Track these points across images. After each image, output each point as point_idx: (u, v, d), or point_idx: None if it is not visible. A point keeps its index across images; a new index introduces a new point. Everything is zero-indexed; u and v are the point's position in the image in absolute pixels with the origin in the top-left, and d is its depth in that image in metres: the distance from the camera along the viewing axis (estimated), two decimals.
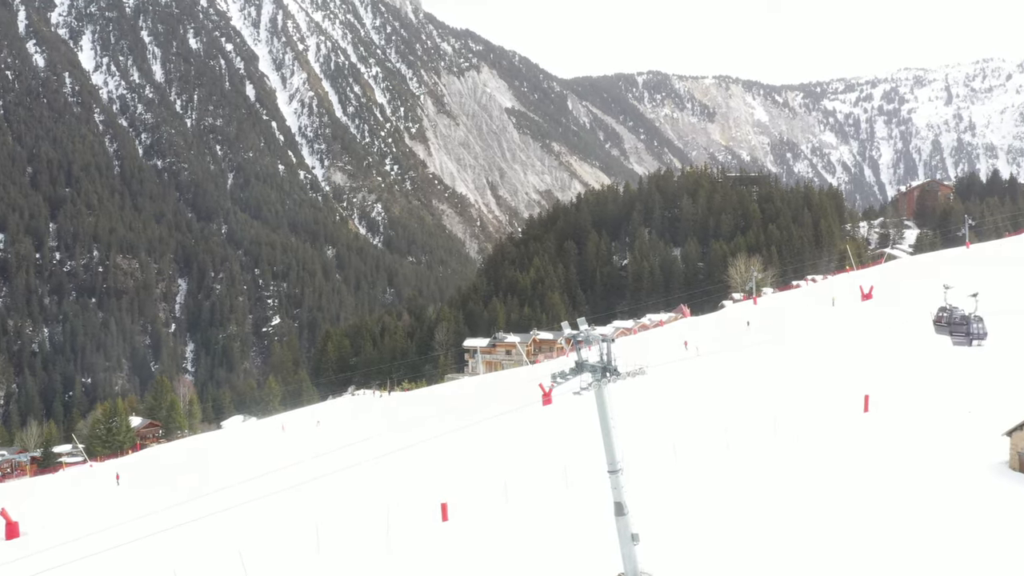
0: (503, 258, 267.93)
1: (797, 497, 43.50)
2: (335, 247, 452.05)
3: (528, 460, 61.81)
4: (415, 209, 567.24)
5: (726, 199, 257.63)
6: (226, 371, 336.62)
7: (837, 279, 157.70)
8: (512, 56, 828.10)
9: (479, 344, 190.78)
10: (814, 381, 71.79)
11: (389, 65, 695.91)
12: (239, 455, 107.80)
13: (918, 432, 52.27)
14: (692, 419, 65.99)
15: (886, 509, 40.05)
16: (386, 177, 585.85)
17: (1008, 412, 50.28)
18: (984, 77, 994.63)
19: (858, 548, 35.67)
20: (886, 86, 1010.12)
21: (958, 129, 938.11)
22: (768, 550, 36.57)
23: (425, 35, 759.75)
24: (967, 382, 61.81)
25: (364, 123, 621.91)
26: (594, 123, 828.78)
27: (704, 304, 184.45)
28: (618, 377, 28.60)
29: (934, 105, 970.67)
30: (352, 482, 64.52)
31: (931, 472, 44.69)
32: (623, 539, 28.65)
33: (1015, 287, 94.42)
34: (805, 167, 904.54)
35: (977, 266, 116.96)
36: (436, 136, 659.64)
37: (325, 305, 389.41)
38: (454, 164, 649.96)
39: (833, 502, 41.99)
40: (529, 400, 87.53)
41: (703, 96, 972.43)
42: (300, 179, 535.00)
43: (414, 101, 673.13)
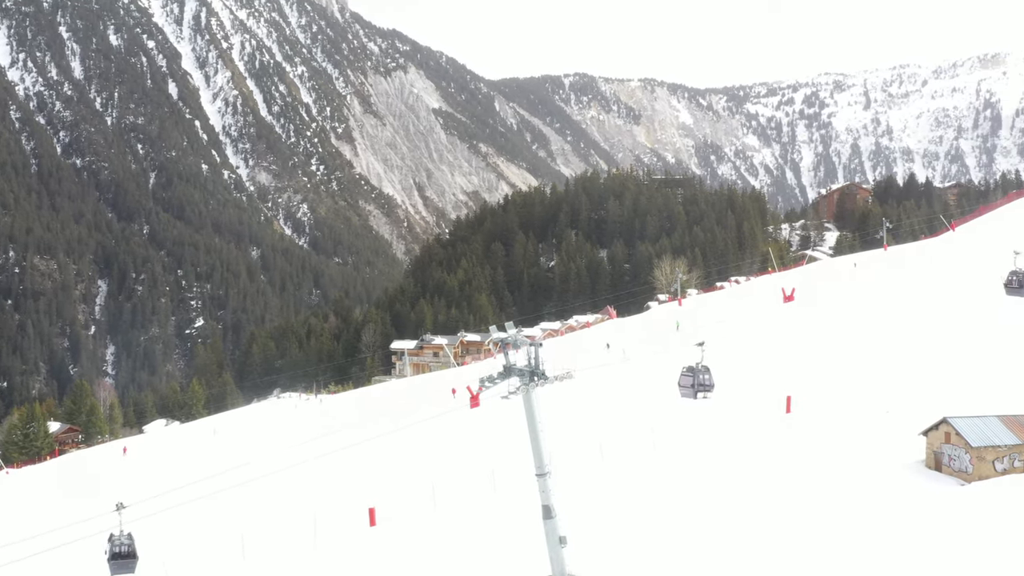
0: (430, 259, 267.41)
1: (721, 497, 44.27)
2: (260, 248, 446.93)
3: (456, 463, 61.93)
4: (341, 210, 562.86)
5: (651, 201, 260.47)
6: (148, 374, 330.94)
7: (759, 280, 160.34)
8: (439, 57, 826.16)
9: (406, 346, 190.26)
10: (738, 382, 72.92)
11: (315, 64, 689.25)
12: (164, 461, 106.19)
13: (838, 432, 53.49)
14: (619, 421, 66.64)
15: (808, 508, 40.99)
16: (312, 177, 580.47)
17: (924, 412, 51.70)
18: (901, 83, 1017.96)
19: (781, 546, 36.46)
20: (807, 90, 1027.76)
21: (876, 133, 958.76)
22: (693, 550, 37.20)
23: (352, 35, 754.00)
24: (885, 382, 63.37)
25: (289, 123, 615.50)
26: (521, 124, 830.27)
27: (630, 305, 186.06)
28: (546, 381, 28.82)
29: (853, 110, 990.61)
30: (278, 488, 64.00)
31: (851, 471, 45.80)
32: (551, 542, 28.86)
33: (932, 288, 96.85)
34: (729, 169, 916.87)
35: (894, 268, 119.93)
36: (363, 136, 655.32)
37: (250, 307, 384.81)
38: (381, 164, 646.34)
39: (757, 502, 42.82)
40: (457, 403, 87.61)
41: (629, 98, 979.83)
42: (224, 179, 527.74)
43: (340, 101, 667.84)
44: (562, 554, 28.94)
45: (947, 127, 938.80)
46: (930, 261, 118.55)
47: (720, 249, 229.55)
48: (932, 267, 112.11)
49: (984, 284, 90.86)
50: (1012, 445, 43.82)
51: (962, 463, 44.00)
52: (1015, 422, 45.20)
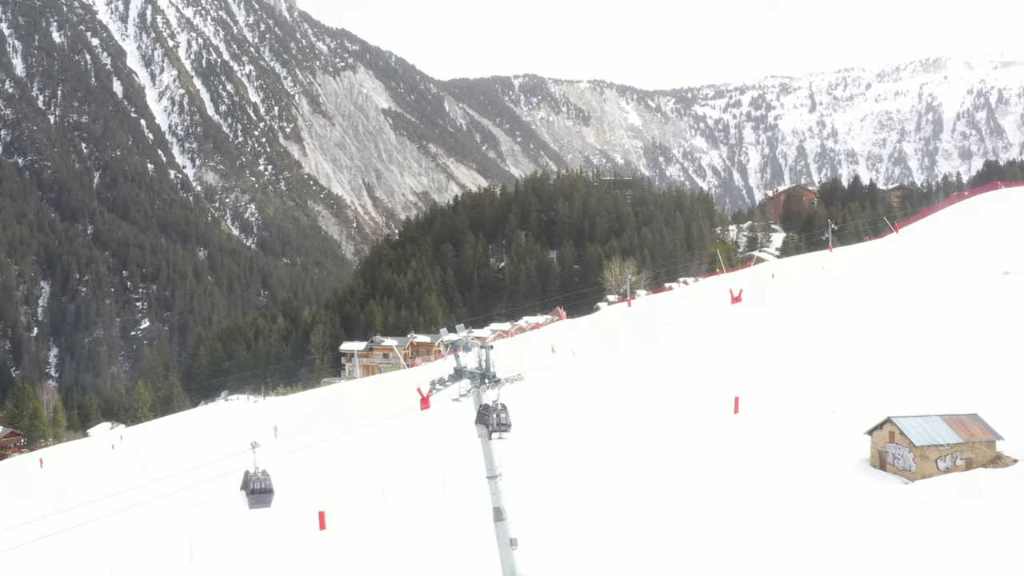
0: (380, 260, 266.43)
1: (671, 498, 44.59)
2: (207, 248, 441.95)
3: (406, 465, 61.77)
4: (290, 210, 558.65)
5: (601, 202, 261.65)
6: (92, 376, 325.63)
7: (708, 281, 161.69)
8: (388, 57, 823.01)
9: (356, 347, 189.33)
10: (686, 383, 73.50)
11: (263, 63, 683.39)
12: (105, 464, 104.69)
13: (786, 432, 54.09)
14: (569, 422, 66.86)
15: (756, 508, 41.42)
16: (260, 177, 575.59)
17: (869, 411, 52.47)
18: (846, 86, 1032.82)
19: (730, 546, 36.82)
20: (754, 93, 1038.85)
21: (821, 135, 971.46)
22: (643, 551, 37.43)
23: (300, 34, 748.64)
24: (831, 382, 64.20)
25: (237, 122, 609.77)
26: (471, 125, 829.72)
27: (580, 306, 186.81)
28: (497, 383, 28.87)
29: (799, 112, 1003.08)
30: (226, 492, 63.33)
31: (798, 471, 46.35)
32: (502, 544, 28.89)
33: (876, 289, 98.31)
34: (677, 171, 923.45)
35: (842, 270, 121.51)
36: (311, 136, 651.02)
37: (197, 308, 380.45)
38: (330, 165, 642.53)
39: (706, 502, 43.20)
40: (407, 404, 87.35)
41: (578, 100, 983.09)
42: (170, 179, 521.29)
43: (289, 100, 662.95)
44: (513, 556, 28.97)
45: (890, 130, 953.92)
46: (874, 262, 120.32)
47: (669, 250, 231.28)
48: (877, 268, 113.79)
49: (927, 284, 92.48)
50: (954, 444, 44.60)
51: (906, 462, 44.71)
52: (957, 421, 46.00)
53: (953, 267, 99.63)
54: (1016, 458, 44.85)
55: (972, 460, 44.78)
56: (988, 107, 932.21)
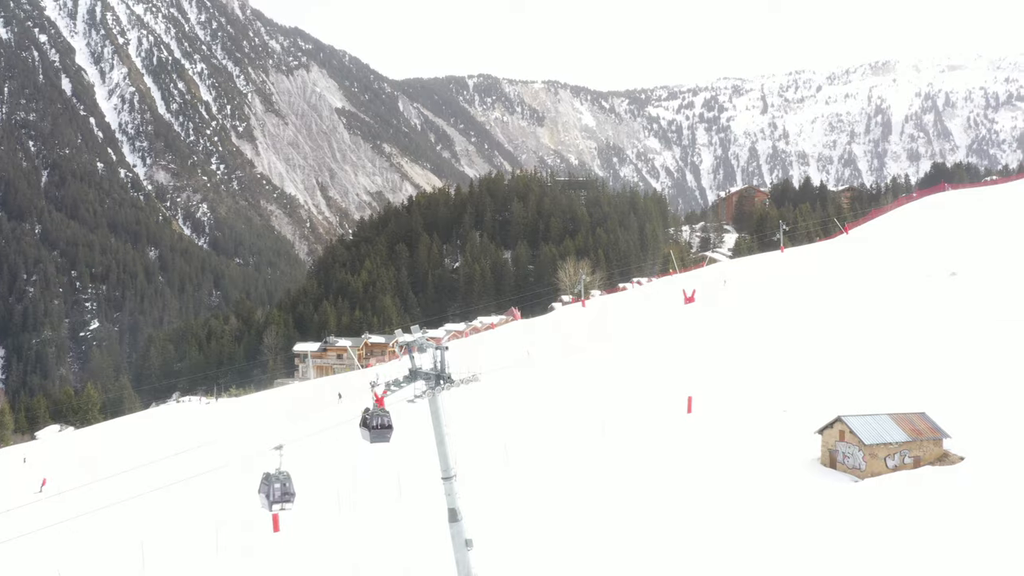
0: (334, 260, 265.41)
1: (625, 498, 44.88)
2: (158, 248, 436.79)
3: (361, 467, 61.55)
4: (242, 209, 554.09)
5: (555, 203, 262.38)
6: (40, 378, 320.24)
7: (661, 281, 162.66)
8: (342, 56, 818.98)
9: (310, 348, 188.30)
10: (640, 384, 73.95)
11: (215, 62, 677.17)
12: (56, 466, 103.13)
13: (738, 431, 54.65)
14: (524, 423, 67.02)
15: (708, 507, 41.83)
16: (212, 176, 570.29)
17: (819, 410, 53.16)
18: (796, 88, 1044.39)
19: (683, 545, 37.16)
20: (706, 94, 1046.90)
21: (773, 137, 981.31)
22: (598, 551, 37.67)
23: (253, 32, 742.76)
24: (783, 382, 64.94)
25: (189, 121, 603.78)
26: (425, 125, 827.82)
27: (534, 307, 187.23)
28: (452, 385, 28.89)
29: (751, 114, 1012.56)
30: (178, 496, 62.77)
31: (750, 470, 46.85)
32: (457, 545, 28.93)
33: (827, 290, 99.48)
34: (631, 171, 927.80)
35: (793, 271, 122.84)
36: (264, 135, 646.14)
37: (148, 308, 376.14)
38: (283, 164, 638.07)
39: (660, 502, 43.53)
40: (361, 406, 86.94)
41: (532, 100, 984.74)
42: (120, 177, 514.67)
43: (241, 99, 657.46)
44: (468, 557, 29.03)
45: (840, 132, 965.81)
46: (825, 263, 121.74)
47: (623, 250, 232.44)
48: (827, 269, 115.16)
49: (875, 285, 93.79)
50: (903, 442, 45.34)
51: (855, 460, 45.37)
52: (906, 420, 46.76)
53: (901, 268, 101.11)
54: (962, 456, 45.68)
55: (920, 458, 45.54)
56: (936, 110, 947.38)
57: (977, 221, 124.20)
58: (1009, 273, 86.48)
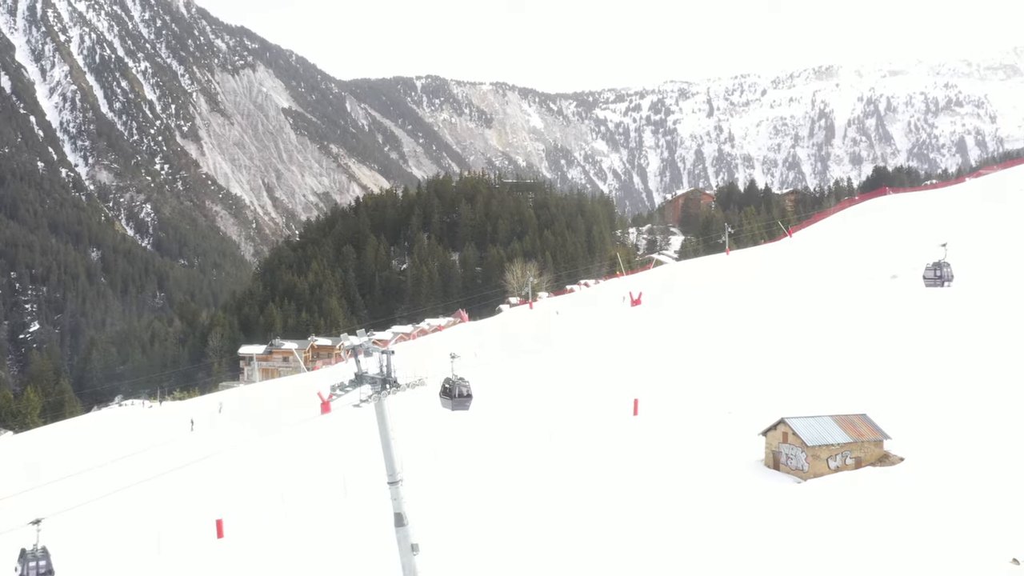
0: (280, 262, 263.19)
1: (571, 501, 45.03)
2: (100, 249, 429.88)
3: (307, 471, 61.16)
4: (187, 210, 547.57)
5: (503, 205, 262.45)
6: None
7: (608, 283, 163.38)
8: (289, 56, 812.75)
9: (255, 351, 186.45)
10: (587, 386, 74.23)
11: (159, 60, 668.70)
12: None
13: (683, 433, 55.11)
14: (470, 426, 66.92)
15: (654, 508, 42.12)
16: (156, 176, 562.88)
17: (763, 412, 53.78)
18: (742, 91, 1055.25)
19: (626, 547, 37.37)
20: (653, 97, 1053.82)
21: (719, 140, 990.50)
22: (544, 554, 37.76)
23: (198, 31, 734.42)
24: (727, 384, 65.59)
25: (132, 120, 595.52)
26: (373, 126, 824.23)
27: (482, 308, 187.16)
28: (398, 389, 28.80)
29: (697, 117, 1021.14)
30: (118, 504, 61.73)
31: (696, 472, 47.27)
32: (403, 549, 28.82)
33: (770, 292, 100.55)
34: (578, 173, 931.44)
35: (738, 273, 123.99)
36: (209, 135, 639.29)
37: (89, 310, 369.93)
38: (228, 164, 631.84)
39: (605, 505, 43.74)
40: (307, 408, 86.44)
41: (480, 102, 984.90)
42: (62, 177, 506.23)
43: (186, 98, 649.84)
44: (414, 562, 28.95)
45: (785, 135, 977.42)
46: (769, 266, 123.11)
47: (570, 252, 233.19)
48: (771, 272, 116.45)
49: (818, 288, 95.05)
50: (844, 443, 46.04)
51: (798, 462, 45.98)
52: (847, 421, 47.49)
53: (843, 271, 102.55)
54: (902, 456, 46.49)
55: (861, 459, 46.27)
56: (877, 114, 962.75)
57: (917, 225, 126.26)
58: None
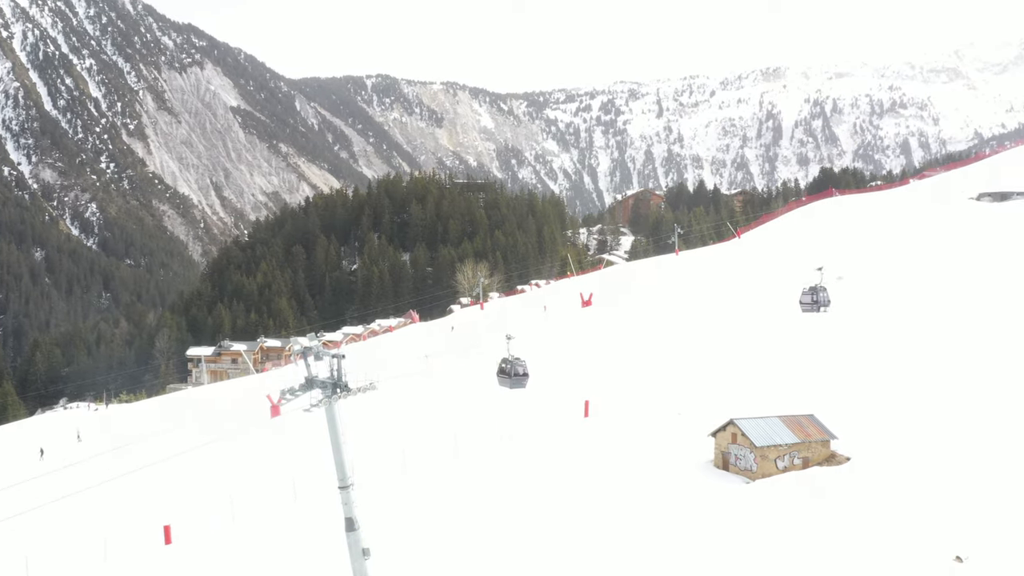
0: (228, 262, 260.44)
1: (524, 503, 45.15)
2: (44, 249, 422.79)
3: (256, 475, 60.69)
4: (133, 209, 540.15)
5: (454, 205, 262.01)
6: None
7: (559, 284, 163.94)
8: (237, 53, 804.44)
9: (203, 352, 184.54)
10: (538, 388, 74.30)
11: (105, 57, 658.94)
12: None
13: (634, 435, 55.47)
14: (422, 428, 66.88)
15: (605, 510, 42.36)
16: (101, 175, 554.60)
17: (713, 413, 54.31)
18: (691, 93, 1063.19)
19: (580, 548, 37.56)
20: (603, 98, 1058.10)
21: (668, 141, 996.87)
22: (496, 557, 37.82)
23: (144, 28, 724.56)
24: (677, 385, 66.11)
25: (77, 118, 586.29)
26: (323, 125, 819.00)
27: (433, 309, 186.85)
28: (349, 393, 28.61)
29: (647, 118, 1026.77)
30: (64, 507, 60.87)
31: (646, 473, 47.62)
32: (354, 554, 28.67)
33: (720, 294, 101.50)
34: (529, 173, 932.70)
35: (687, 274, 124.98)
36: (156, 134, 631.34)
37: (33, 311, 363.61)
38: (176, 163, 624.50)
39: (556, 506, 43.91)
40: (257, 411, 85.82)
41: (431, 101, 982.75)
42: (4, 176, 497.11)
43: (132, 96, 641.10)
44: (365, 566, 28.83)
45: (733, 136, 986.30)
46: (717, 267, 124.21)
47: (521, 253, 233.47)
48: (720, 273, 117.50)
49: (766, 289, 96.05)
50: (792, 444, 46.65)
51: (747, 462, 46.51)
52: (795, 422, 48.13)
53: (791, 272, 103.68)
54: (849, 456, 47.19)
55: (809, 459, 46.92)
56: (824, 116, 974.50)
57: (863, 226, 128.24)
58: (892, 277, 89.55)
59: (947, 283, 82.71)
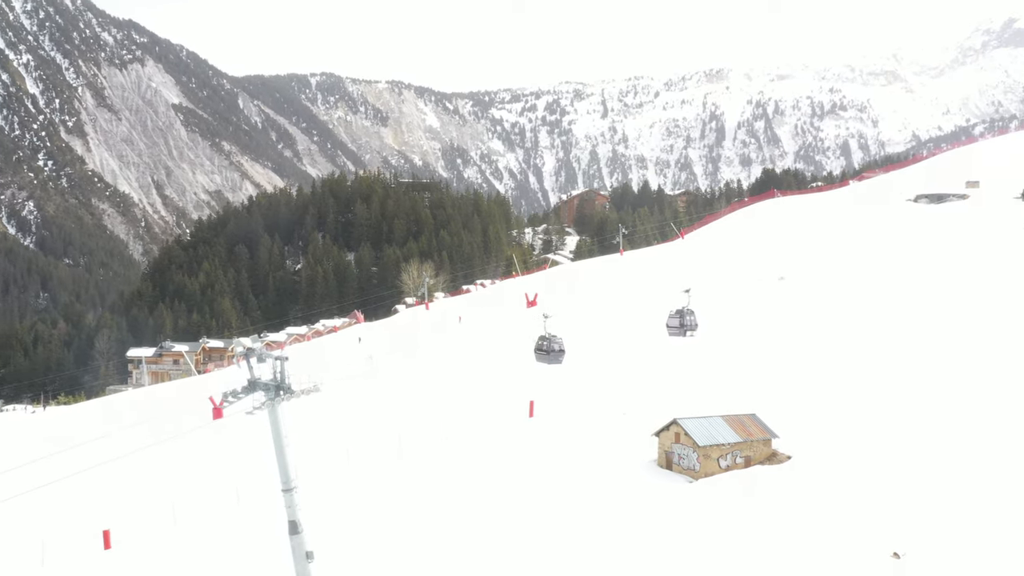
0: (170, 262, 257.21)
1: (468, 503, 45.16)
2: None
3: (198, 478, 59.98)
4: (72, 208, 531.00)
5: (399, 205, 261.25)
6: None
7: (504, 284, 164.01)
8: (179, 50, 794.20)
9: (145, 353, 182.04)
10: (483, 388, 74.41)
11: (42, 53, 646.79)
12: None
13: (579, 435, 55.72)
14: (366, 429, 66.58)
15: (550, 509, 42.51)
16: (39, 173, 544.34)
17: (657, 413, 54.71)
18: (636, 93, 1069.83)
19: (526, 547, 37.66)
20: (549, 98, 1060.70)
21: (613, 141, 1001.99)
22: (440, 558, 37.80)
23: (84, 23, 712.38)
24: (622, 385, 66.48)
25: (13, 114, 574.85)
26: (266, 123, 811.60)
27: (378, 309, 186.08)
28: (292, 395, 28.40)
29: (592, 118, 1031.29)
30: (1, 515, 59.63)
31: (591, 473, 47.87)
32: (297, 557, 28.52)
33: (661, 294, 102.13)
34: (475, 173, 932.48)
35: (631, 274, 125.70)
36: (96, 131, 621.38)
37: None
38: (116, 161, 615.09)
39: (502, 505, 43.98)
40: (199, 413, 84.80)
41: (376, 100, 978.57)
42: None
43: (71, 93, 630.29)
44: (309, 569, 28.69)
45: (677, 137, 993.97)
46: (661, 267, 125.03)
47: (466, 253, 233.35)
48: (664, 273, 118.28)
49: (709, 289, 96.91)
50: (735, 443, 47.19)
51: (690, 461, 46.95)
52: (737, 421, 48.69)
53: (733, 272, 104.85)
54: (790, 455, 47.86)
55: (751, 458, 47.50)
56: (766, 117, 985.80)
57: (804, 227, 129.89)
58: (833, 277, 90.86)
59: (885, 284, 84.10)
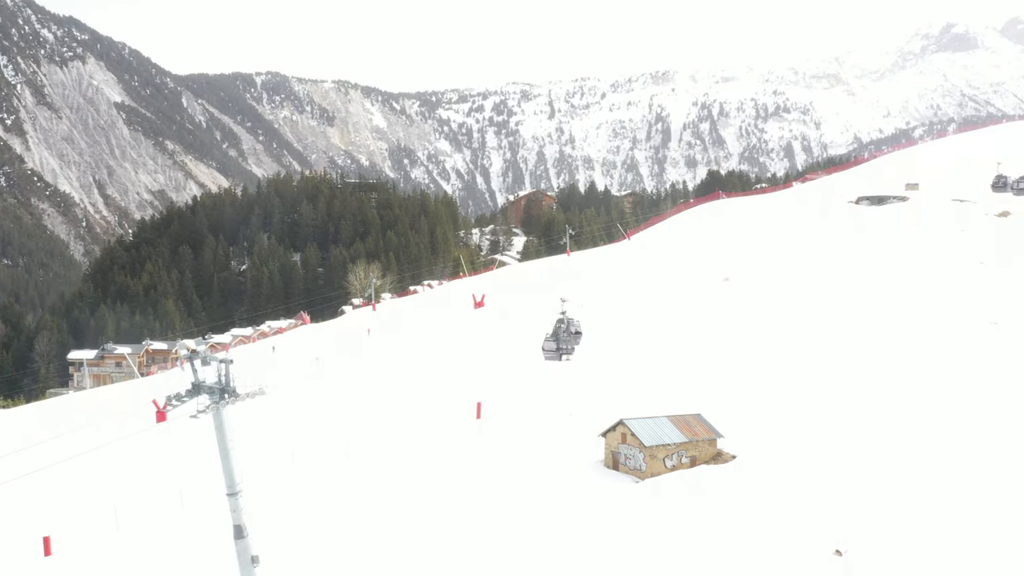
0: (112, 263, 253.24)
1: (415, 504, 45.09)
2: None
3: (142, 482, 59.19)
4: (11, 208, 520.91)
5: (345, 205, 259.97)
6: None
7: (452, 285, 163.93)
8: (122, 48, 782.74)
9: (86, 356, 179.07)
10: (430, 389, 74.30)
11: None
12: None
13: (527, 435, 55.87)
14: (312, 432, 66.17)
15: (497, 510, 42.58)
16: None
17: (603, 413, 55.02)
18: (582, 94, 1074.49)
19: (473, 548, 37.69)
20: (496, 98, 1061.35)
21: (560, 142, 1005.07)
22: (387, 561, 37.70)
23: (22, 19, 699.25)
24: (569, 385, 66.75)
25: None
26: (211, 122, 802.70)
27: (324, 310, 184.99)
28: (237, 398, 28.22)
29: (539, 119, 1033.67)
30: None
31: (538, 474, 48.02)
32: (243, 562, 28.38)
33: (608, 295, 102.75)
34: (422, 173, 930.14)
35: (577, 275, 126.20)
36: (35, 129, 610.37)
37: None
38: (56, 160, 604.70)
39: (450, 507, 43.98)
40: (142, 416, 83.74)
41: (322, 100, 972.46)
42: None
43: (9, 90, 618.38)
44: (254, 574, 28.54)
45: (623, 138, 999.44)
46: (608, 268, 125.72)
47: (414, 254, 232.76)
48: (610, 274, 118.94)
49: (655, 290, 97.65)
50: (680, 443, 47.62)
51: (636, 462, 47.29)
52: (683, 421, 49.14)
53: (679, 273, 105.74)
54: (734, 454, 48.40)
55: (696, 457, 47.97)
56: (711, 119, 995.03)
57: (748, 228, 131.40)
58: (776, 278, 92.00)
59: (828, 284, 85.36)
